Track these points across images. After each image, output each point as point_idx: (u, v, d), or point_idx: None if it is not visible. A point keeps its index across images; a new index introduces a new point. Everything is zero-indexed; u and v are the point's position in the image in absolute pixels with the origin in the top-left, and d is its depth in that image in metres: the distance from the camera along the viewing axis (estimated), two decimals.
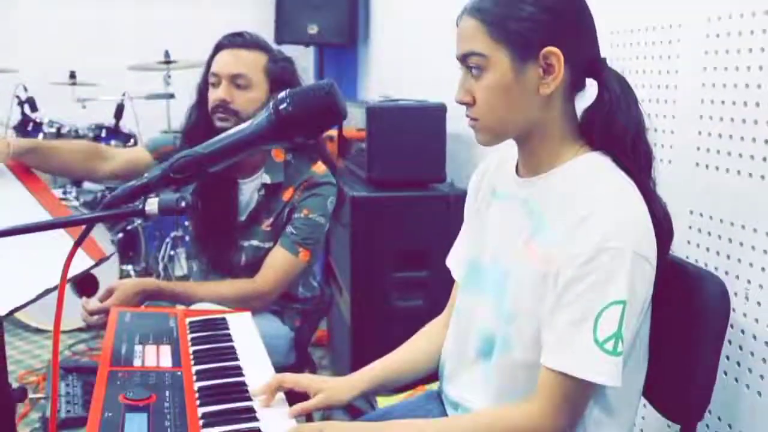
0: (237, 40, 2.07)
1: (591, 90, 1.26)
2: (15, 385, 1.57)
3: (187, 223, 4.14)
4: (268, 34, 4.81)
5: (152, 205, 0.96)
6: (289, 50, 4.82)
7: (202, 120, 2.11)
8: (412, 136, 2.68)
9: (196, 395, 1.36)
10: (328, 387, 1.42)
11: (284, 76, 2.10)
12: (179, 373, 1.43)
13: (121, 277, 3.81)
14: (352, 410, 1.94)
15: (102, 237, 3.71)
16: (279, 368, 2.09)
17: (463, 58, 1.24)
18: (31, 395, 3.03)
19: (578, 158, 1.24)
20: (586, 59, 1.23)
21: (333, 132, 3.64)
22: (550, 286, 1.16)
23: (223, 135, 1.06)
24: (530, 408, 1.17)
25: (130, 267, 3.95)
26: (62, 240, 1.68)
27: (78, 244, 0.99)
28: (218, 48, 2.10)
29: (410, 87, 3.83)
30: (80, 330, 3.62)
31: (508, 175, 1.34)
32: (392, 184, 2.69)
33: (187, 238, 4.06)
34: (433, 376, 1.54)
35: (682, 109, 1.50)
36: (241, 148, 1.04)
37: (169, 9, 4.98)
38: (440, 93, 2.84)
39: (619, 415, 1.23)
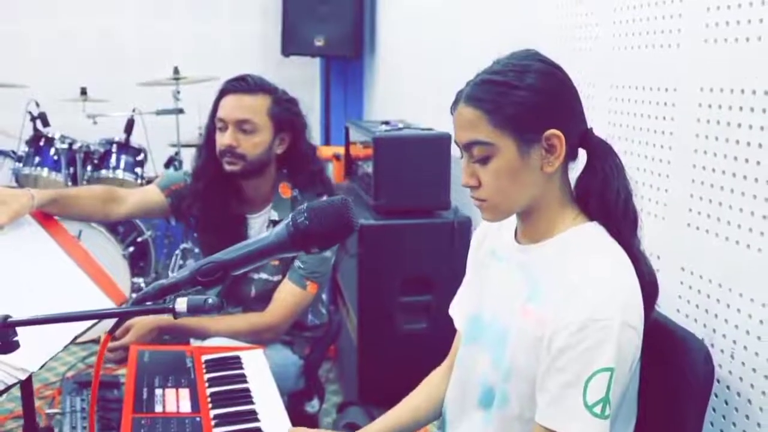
0: (241, 86, 2.14)
1: (580, 156, 1.34)
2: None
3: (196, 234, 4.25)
4: (275, 46, 4.91)
5: (181, 304, 1.05)
6: (295, 62, 4.97)
7: (210, 161, 2.19)
8: (417, 164, 2.76)
9: None
10: None
11: (288, 117, 2.18)
12: (198, 419, 1.52)
13: (132, 291, 3.90)
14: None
15: (114, 251, 3.81)
16: (289, 393, 2.21)
17: (467, 147, 1.30)
18: (47, 410, 3.12)
19: (574, 228, 1.32)
20: (578, 132, 1.31)
21: (340, 150, 3.73)
22: (544, 349, 1.24)
23: (245, 243, 1.15)
24: None
25: (141, 280, 4.04)
26: (84, 286, 1.77)
27: (111, 333, 1.07)
28: (223, 93, 2.17)
29: (414, 103, 3.91)
30: (93, 342, 3.70)
31: (508, 239, 1.43)
32: (398, 212, 2.77)
33: (196, 250, 4.13)
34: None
35: (675, 169, 1.57)
36: (262, 256, 1.13)
37: (177, 25, 5.06)
38: (444, 119, 2.92)
39: None
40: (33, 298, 1.57)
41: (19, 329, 1.13)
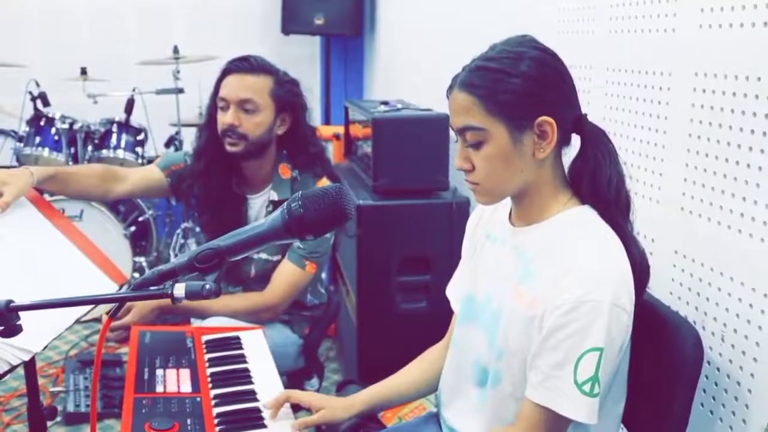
0: (244, 65, 2.15)
1: (574, 141, 1.37)
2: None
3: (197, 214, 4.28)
4: (275, 24, 4.89)
5: (180, 289, 1.07)
6: (296, 40, 4.97)
7: (211, 141, 2.21)
8: (416, 145, 2.77)
9: (215, 422, 1.48)
10: (329, 405, 1.58)
11: (290, 99, 2.20)
12: (198, 399, 1.55)
13: (133, 270, 3.93)
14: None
15: (115, 230, 3.83)
16: (289, 372, 2.24)
17: (461, 131, 1.33)
18: (51, 388, 3.17)
19: (566, 211, 1.35)
20: (571, 118, 1.34)
21: (340, 129, 3.74)
22: (536, 329, 1.27)
23: (241, 230, 1.17)
24: None
25: (142, 259, 4.07)
26: (85, 267, 1.79)
27: (112, 316, 1.09)
28: (225, 72, 2.18)
29: (413, 81, 3.91)
30: (95, 320, 3.74)
31: (502, 221, 1.46)
32: (397, 193, 2.79)
33: (197, 229, 4.16)
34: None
35: (670, 153, 1.59)
36: (258, 243, 1.15)
37: (177, 4, 5.04)
38: (443, 98, 2.93)
39: None
40: (34, 281, 1.59)
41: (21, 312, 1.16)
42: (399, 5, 4.39)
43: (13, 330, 1.12)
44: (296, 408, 1.60)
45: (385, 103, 3.04)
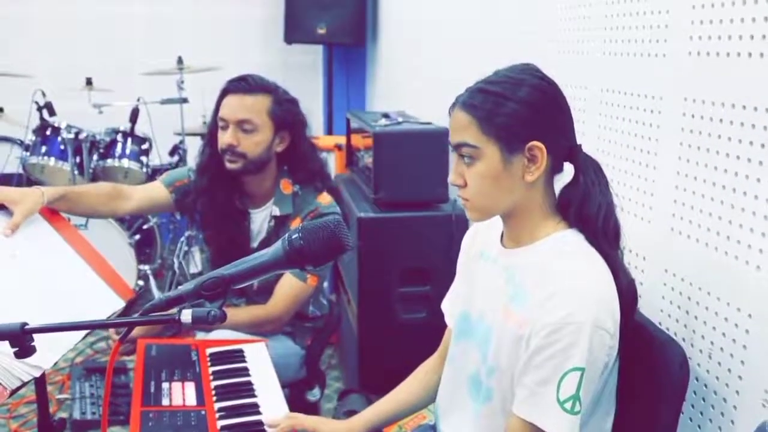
0: (242, 86, 2.20)
1: (567, 172, 1.42)
2: None
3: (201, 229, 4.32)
4: (278, 34, 4.95)
5: (186, 316, 1.13)
6: (298, 49, 5.02)
7: (213, 158, 2.27)
8: (416, 158, 2.82)
9: None
10: (331, 429, 1.65)
11: (288, 117, 2.24)
12: (203, 412, 1.60)
13: (138, 278, 3.99)
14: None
15: (120, 239, 3.89)
16: (291, 383, 2.29)
17: (457, 147, 1.40)
18: (57, 395, 3.22)
19: (555, 234, 1.41)
20: (565, 147, 1.40)
21: (341, 139, 3.79)
22: (523, 348, 1.34)
23: (244, 259, 1.22)
24: None
25: (147, 267, 4.12)
26: (93, 283, 1.84)
27: (122, 340, 1.15)
28: (224, 93, 2.23)
29: (415, 92, 3.96)
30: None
31: (494, 242, 1.52)
32: (397, 205, 2.83)
33: (201, 236, 4.21)
34: None
35: (660, 175, 1.64)
36: (260, 272, 1.21)
37: (181, 14, 5.11)
38: (444, 108, 2.97)
39: None
40: (43, 298, 1.64)
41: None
42: (401, 16, 4.44)
43: (27, 351, 1.17)
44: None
45: (386, 115, 3.08)
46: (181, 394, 1.67)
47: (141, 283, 4.04)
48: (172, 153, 4.42)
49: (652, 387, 1.39)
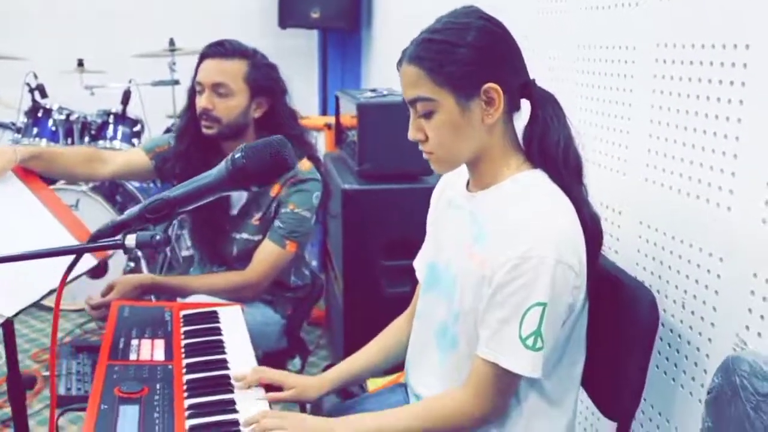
0: (218, 50, 2.18)
1: (525, 108, 1.40)
2: (29, 362, 1.73)
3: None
4: (272, 18, 4.93)
5: (131, 240, 1.10)
6: (293, 34, 5.00)
7: (191, 123, 2.24)
8: (400, 130, 2.77)
9: (184, 387, 1.50)
10: (299, 384, 1.60)
11: (265, 83, 2.21)
12: (170, 366, 1.57)
13: (129, 259, 3.96)
14: (344, 392, 2.10)
15: (110, 219, 3.86)
16: (271, 353, 2.27)
17: (412, 103, 1.38)
18: (44, 373, 3.21)
19: (517, 174, 1.39)
20: (519, 84, 1.37)
21: (331, 119, 3.76)
22: (485, 288, 1.32)
23: (189, 181, 1.20)
24: (460, 393, 1.35)
25: (138, 249, 4.09)
26: (63, 237, 1.82)
27: (69, 270, 1.12)
28: (202, 57, 2.21)
29: None
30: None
31: (461, 189, 1.50)
32: (382, 177, 2.80)
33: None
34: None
35: (634, 126, 1.61)
36: (204, 193, 1.18)
37: None
38: None
39: (558, 404, 1.39)
40: (3, 242, 1.61)
41: None
42: (394, 1, 4.42)
43: None
44: (268, 388, 1.60)
45: (373, 90, 3.06)
46: (149, 350, 1.64)
47: (132, 264, 4.01)
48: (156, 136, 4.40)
49: (622, 332, 1.37)
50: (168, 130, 4.36)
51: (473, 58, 1.31)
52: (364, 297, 2.84)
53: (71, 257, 1.20)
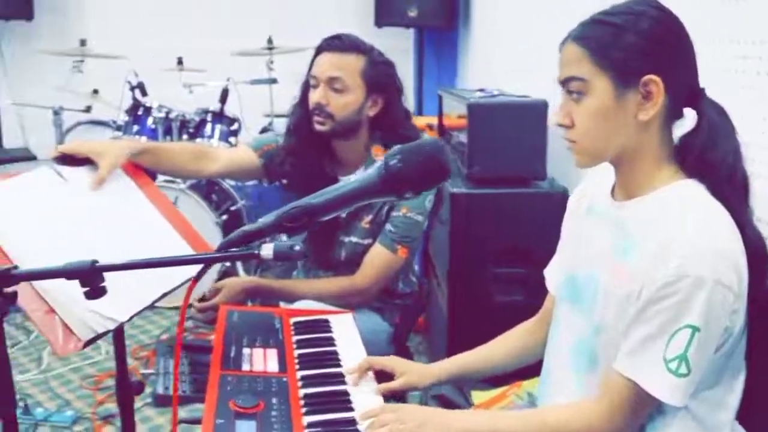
0: (335, 43, 2.10)
1: (689, 119, 1.28)
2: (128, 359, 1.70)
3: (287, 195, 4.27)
4: (368, 17, 4.85)
5: (267, 250, 1.01)
6: (388, 32, 4.91)
7: (304, 118, 2.17)
8: (513, 132, 2.65)
9: (301, 403, 1.41)
10: (411, 371, 1.58)
11: (382, 80, 2.12)
12: (285, 379, 1.49)
13: None
14: (446, 402, 2.00)
15: (208, 218, 3.86)
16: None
17: (565, 82, 1.29)
18: (142, 370, 3.21)
19: (672, 185, 1.27)
20: (685, 88, 1.27)
21: (430, 120, 3.65)
22: (632, 303, 1.22)
23: (332, 187, 1.10)
24: (590, 408, 1.27)
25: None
26: (174, 240, 1.77)
27: (197, 279, 1.04)
28: (318, 50, 2.14)
29: (509, 75, 3.79)
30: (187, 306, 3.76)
31: (604, 196, 1.39)
32: (492, 181, 2.68)
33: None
34: (524, 371, 1.67)
35: None
36: (350, 201, 1.09)
37: None
38: (542, 88, 2.80)
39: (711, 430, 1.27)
40: (122, 251, 1.56)
41: (108, 278, 1.12)
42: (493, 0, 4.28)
43: (97, 292, 1.08)
44: (378, 375, 1.57)
45: (482, 90, 2.93)
46: (262, 360, 1.56)
47: (228, 264, 4.00)
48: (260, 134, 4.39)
49: None
50: (264, 129, 4.35)
51: (640, 46, 1.22)
52: (471, 305, 2.71)
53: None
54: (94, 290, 1.06)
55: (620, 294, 1.26)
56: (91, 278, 1.05)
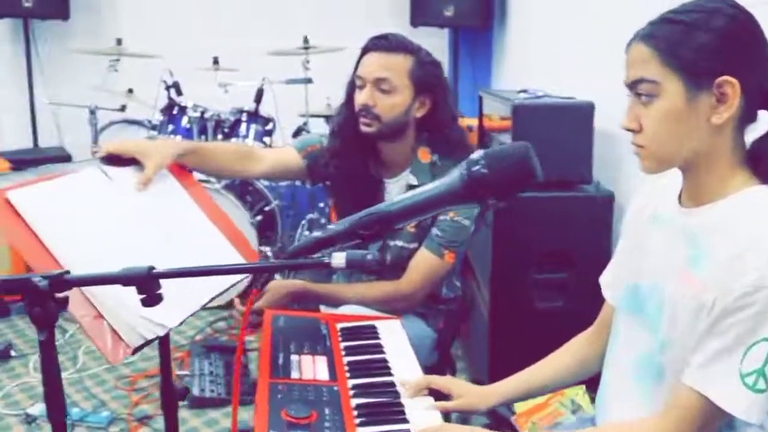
0: (382, 43, 2.05)
1: (763, 119, 1.23)
2: None
3: (322, 204, 4.24)
4: (403, 16, 4.82)
5: (339, 259, 0.97)
6: (424, 32, 4.87)
7: (349, 120, 2.12)
8: (558, 134, 2.60)
9: (354, 413, 1.37)
10: (469, 394, 1.54)
11: (429, 80, 2.07)
12: (336, 388, 1.45)
13: (259, 258, 3.92)
14: (495, 416, 1.95)
15: (243, 218, 3.83)
16: (421, 368, 2.12)
17: (633, 85, 1.23)
18: (177, 371, 3.19)
19: (745, 191, 1.22)
20: (760, 89, 1.20)
21: (471, 121, 3.59)
22: (704, 316, 1.17)
23: (408, 194, 1.05)
24: (655, 424, 1.22)
25: (268, 248, 4.05)
26: (220, 243, 1.73)
27: (260, 288, 1.00)
28: (365, 50, 2.09)
29: (546, 75, 3.72)
30: (220, 307, 3.75)
31: (671, 203, 1.33)
32: (537, 184, 2.60)
33: (323, 220, 4.12)
34: None
35: None
36: (429, 207, 1.05)
37: None
38: (586, 89, 2.74)
39: None
40: (171, 255, 1.54)
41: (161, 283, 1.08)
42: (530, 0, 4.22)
43: (154, 299, 1.04)
44: (433, 393, 1.52)
45: (524, 90, 2.87)
46: (311, 367, 1.52)
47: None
48: (295, 135, 4.35)
49: None
50: (299, 129, 4.32)
51: (714, 45, 1.16)
52: (513, 310, 2.67)
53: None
54: (151, 297, 1.03)
55: (690, 306, 1.20)
56: (148, 285, 1.01)
